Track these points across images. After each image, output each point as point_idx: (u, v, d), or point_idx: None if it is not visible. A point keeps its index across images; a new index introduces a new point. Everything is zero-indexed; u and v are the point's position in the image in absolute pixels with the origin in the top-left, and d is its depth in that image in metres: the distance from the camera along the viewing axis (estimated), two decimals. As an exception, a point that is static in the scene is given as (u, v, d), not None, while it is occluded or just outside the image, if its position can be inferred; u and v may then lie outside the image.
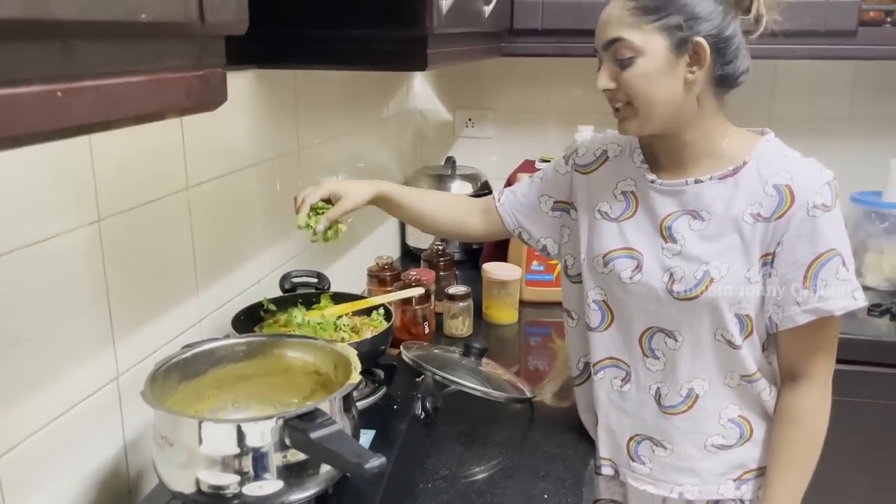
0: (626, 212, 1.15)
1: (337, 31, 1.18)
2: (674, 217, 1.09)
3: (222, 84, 0.57)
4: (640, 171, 1.14)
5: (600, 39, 1.04)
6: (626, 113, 1.05)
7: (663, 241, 1.10)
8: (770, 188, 1.04)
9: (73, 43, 0.42)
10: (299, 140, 1.52)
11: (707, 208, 1.07)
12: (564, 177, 1.23)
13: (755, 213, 1.04)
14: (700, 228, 1.07)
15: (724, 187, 1.06)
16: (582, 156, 1.22)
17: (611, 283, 1.14)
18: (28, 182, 0.83)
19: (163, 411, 0.84)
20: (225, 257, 1.26)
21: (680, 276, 1.07)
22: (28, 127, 0.40)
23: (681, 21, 0.99)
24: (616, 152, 1.19)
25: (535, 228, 1.26)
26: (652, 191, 1.11)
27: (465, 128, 2.39)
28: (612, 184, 1.17)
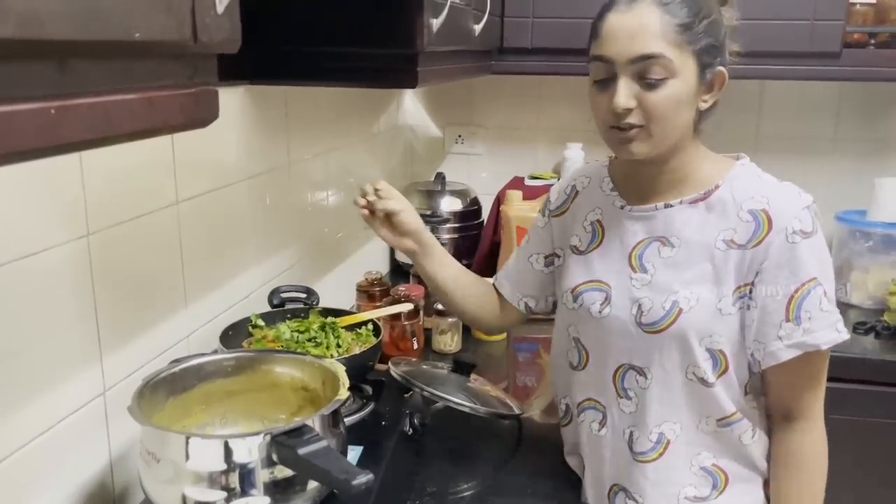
0: (593, 242, 1.10)
1: (328, 49, 1.19)
2: (644, 245, 1.04)
3: (214, 102, 0.58)
4: (609, 199, 1.10)
5: (626, 51, 0.94)
6: (638, 135, 0.97)
7: (632, 271, 1.04)
8: (745, 213, 0.99)
9: (67, 62, 0.43)
10: (290, 155, 1.52)
11: (677, 234, 1.02)
12: (545, 229, 1.20)
13: (728, 240, 0.99)
14: (669, 255, 1.02)
15: (694, 212, 1.02)
16: (554, 200, 1.20)
17: (582, 319, 1.09)
18: (17, 196, 0.83)
19: (150, 427, 0.84)
20: (214, 272, 1.26)
21: (648, 307, 1.01)
22: (20, 144, 0.41)
23: (711, 46, 0.96)
24: (584, 184, 1.16)
25: (535, 291, 1.23)
26: (622, 217, 1.07)
27: (455, 144, 2.40)
28: (583, 216, 1.13)
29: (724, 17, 1.01)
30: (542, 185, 2.15)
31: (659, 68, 0.93)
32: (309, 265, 1.63)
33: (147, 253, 1.07)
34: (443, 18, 1.15)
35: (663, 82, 0.94)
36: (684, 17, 0.94)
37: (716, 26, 0.97)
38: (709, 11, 0.97)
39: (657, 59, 0.93)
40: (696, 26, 0.94)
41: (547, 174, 2.24)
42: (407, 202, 1.18)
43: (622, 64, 0.95)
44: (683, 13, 0.94)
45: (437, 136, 2.42)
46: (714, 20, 0.97)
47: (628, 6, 0.96)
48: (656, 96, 0.94)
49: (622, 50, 0.94)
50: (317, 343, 1.22)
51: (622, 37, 0.95)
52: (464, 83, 2.29)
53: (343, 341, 1.25)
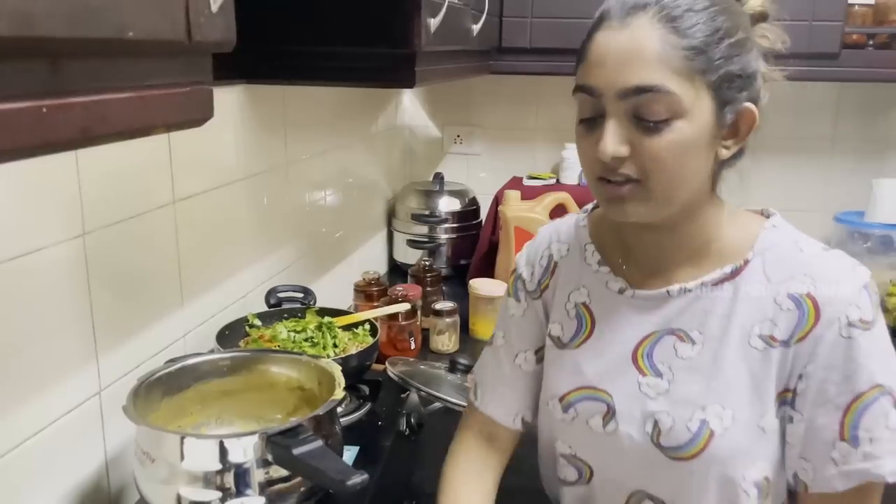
0: (580, 333, 0.87)
1: (326, 49, 1.19)
2: (653, 340, 0.82)
3: (209, 100, 0.58)
4: (598, 277, 0.87)
5: (615, 82, 0.72)
6: (634, 192, 0.74)
7: (640, 374, 0.82)
8: (785, 299, 0.77)
9: (60, 60, 0.42)
10: (287, 155, 1.52)
11: (699, 327, 0.80)
12: (527, 317, 0.95)
13: (767, 335, 0.77)
14: (690, 356, 0.80)
15: (719, 297, 0.80)
16: (529, 277, 0.96)
17: (578, 433, 0.86)
18: (12, 195, 0.83)
19: (145, 426, 0.84)
20: (210, 272, 1.26)
21: (668, 426, 0.79)
22: (12, 142, 0.40)
23: (735, 77, 0.74)
24: (562, 253, 0.93)
25: (531, 399, 0.97)
26: (619, 304, 0.85)
27: (454, 144, 2.40)
28: (563, 295, 0.90)
29: (756, 37, 0.79)
30: (540, 185, 2.15)
31: (659, 106, 0.71)
32: (306, 265, 1.62)
33: (143, 252, 1.07)
34: (441, 18, 1.15)
35: (666, 124, 0.71)
36: (697, 37, 0.72)
37: (743, 49, 0.75)
38: (733, 29, 0.74)
39: (656, 93, 0.71)
40: (714, 49, 0.72)
41: (545, 174, 2.24)
42: None
43: (611, 98, 0.73)
44: (696, 31, 0.72)
45: (436, 136, 2.42)
46: (740, 41, 0.74)
47: (621, 21, 0.73)
48: (656, 143, 0.72)
49: (611, 80, 0.72)
50: (314, 343, 1.22)
51: (611, 62, 0.72)
52: (462, 83, 2.29)
53: (340, 341, 1.25)
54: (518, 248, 1.86)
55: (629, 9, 0.74)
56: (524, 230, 1.87)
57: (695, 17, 0.72)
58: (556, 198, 1.89)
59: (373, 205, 2.13)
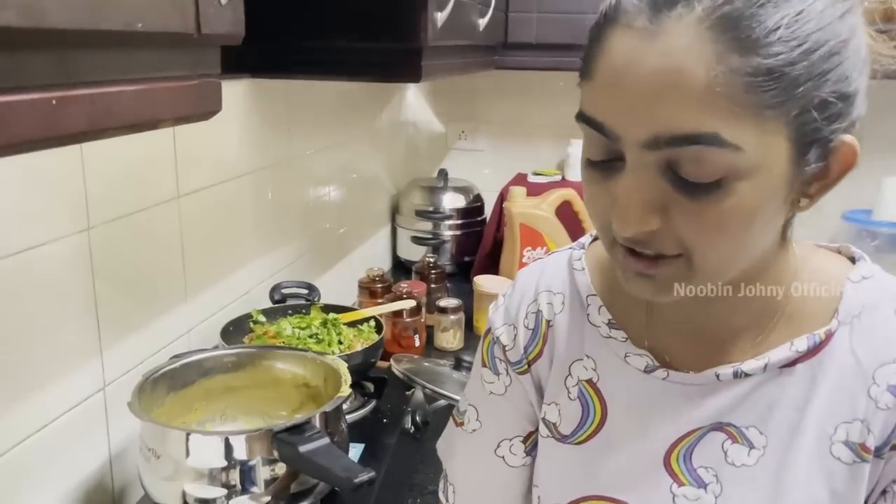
0: (587, 423, 0.65)
1: (331, 43, 1.18)
2: (694, 439, 0.60)
3: (217, 94, 0.57)
4: (610, 346, 0.64)
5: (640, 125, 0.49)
6: (670, 270, 0.53)
7: (674, 482, 0.61)
8: (884, 392, 0.56)
9: (68, 52, 0.42)
10: (291, 150, 1.51)
11: (759, 424, 0.58)
12: (509, 396, 0.71)
13: (856, 443, 0.56)
14: (746, 462, 0.59)
15: (790, 384, 0.58)
16: (510, 344, 0.71)
17: None
18: (17, 189, 0.82)
19: (150, 423, 0.83)
20: (215, 267, 1.25)
21: None
22: (21, 135, 0.40)
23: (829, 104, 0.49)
24: (556, 308, 0.68)
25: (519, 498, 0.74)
26: (645, 387, 0.62)
27: (458, 140, 2.39)
28: (564, 368, 0.67)
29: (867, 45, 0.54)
30: (546, 181, 2.14)
31: (710, 163, 0.48)
32: (311, 261, 1.62)
33: (148, 247, 1.06)
34: (447, 13, 1.14)
35: (718, 187, 0.48)
36: (774, 53, 0.46)
37: (841, 58, 0.49)
38: (830, 28, 0.48)
39: (706, 146, 0.47)
40: (799, 69, 0.47)
41: (551, 171, 2.23)
42: None
43: (633, 147, 0.50)
44: (773, 42, 0.46)
45: (440, 132, 2.41)
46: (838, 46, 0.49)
47: (653, 20, 0.47)
48: (704, 212, 0.49)
49: (633, 121, 0.49)
50: (318, 340, 1.21)
51: (634, 92, 0.48)
52: (467, 78, 2.28)
53: (345, 338, 1.24)
54: (523, 244, 1.86)
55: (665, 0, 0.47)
56: (529, 227, 1.86)
57: (771, 14, 0.46)
58: (561, 194, 1.88)
59: (377, 201, 2.12)
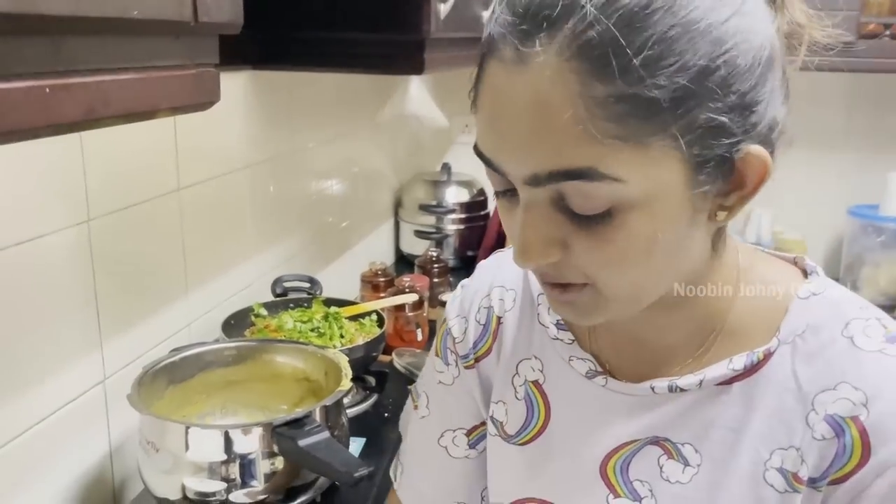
0: (531, 425, 0.64)
1: (333, 34, 1.17)
2: (630, 451, 0.59)
3: (215, 84, 0.56)
4: (556, 348, 0.64)
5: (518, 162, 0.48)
6: (586, 297, 0.52)
7: (611, 492, 0.60)
8: (820, 422, 0.53)
9: (63, 39, 0.41)
10: (293, 143, 1.50)
11: (694, 441, 0.57)
12: (458, 385, 0.71)
13: (790, 472, 0.54)
14: (680, 479, 0.57)
15: (727, 403, 0.56)
16: (460, 337, 0.71)
17: None
18: (17, 180, 0.82)
19: (149, 416, 0.83)
20: (216, 260, 1.25)
21: None
22: (15, 123, 0.39)
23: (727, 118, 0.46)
24: (507, 305, 0.68)
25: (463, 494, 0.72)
26: (586, 393, 0.62)
27: (462, 134, 2.38)
28: (512, 366, 0.67)
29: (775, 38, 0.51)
30: (548, 176, 2.13)
31: (592, 197, 0.47)
32: (312, 254, 1.61)
33: (148, 240, 1.06)
34: (451, 4, 1.13)
35: (609, 217, 0.47)
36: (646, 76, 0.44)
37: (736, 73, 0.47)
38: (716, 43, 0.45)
39: (584, 180, 0.46)
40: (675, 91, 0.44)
41: (554, 165, 2.22)
42: None
43: (520, 184, 0.49)
44: (637, 66, 0.44)
45: (444, 126, 2.40)
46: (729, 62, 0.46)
47: (517, 55, 0.46)
48: (598, 243, 0.48)
49: (513, 158, 0.48)
50: (320, 333, 1.21)
51: (508, 128, 0.48)
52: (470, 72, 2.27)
53: (347, 332, 1.24)
54: (526, 239, 1.85)
55: (526, 31, 0.46)
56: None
57: (635, 38, 0.43)
58: (564, 189, 1.87)
59: (379, 195, 2.11)
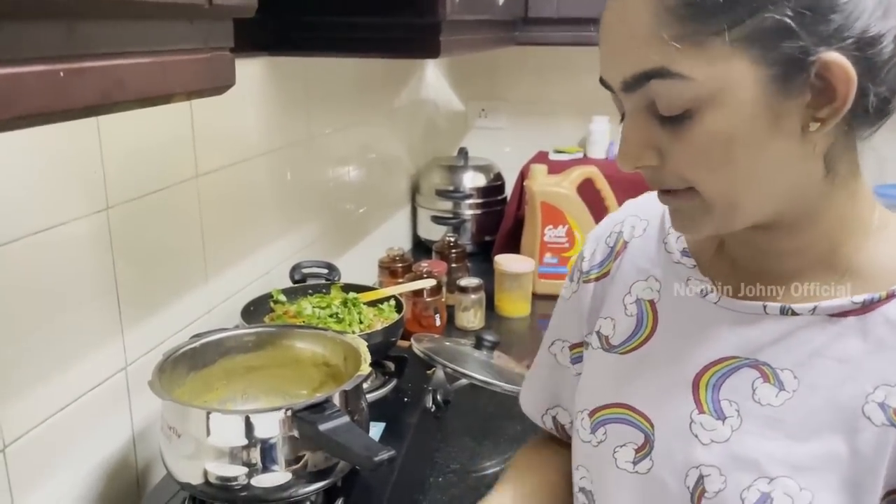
0: (636, 335, 0.68)
1: (349, 19, 1.17)
2: (727, 367, 0.61)
3: (230, 68, 0.56)
4: (677, 270, 0.67)
5: (615, 72, 0.56)
6: (688, 205, 0.57)
7: (697, 409, 0.62)
8: None
9: (77, 22, 0.41)
10: (310, 130, 1.50)
11: (795, 368, 0.58)
12: (572, 301, 0.77)
13: (890, 406, 0.55)
14: (773, 402, 0.58)
15: (837, 333, 0.57)
16: (589, 258, 0.76)
17: (599, 463, 0.68)
18: (36, 169, 0.82)
19: (171, 402, 0.83)
20: (234, 247, 1.25)
21: (716, 489, 0.58)
22: (30, 107, 0.39)
23: (791, 22, 0.49)
24: (638, 231, 0.72)
25: (565, 397, 0.79)
26: (698, 309, 0.64)
27: (478, 118, 2.37)
28: (626, 285, 0.71)
29: None
30: (567, 159, 2.11)
31: (669, 96, 0.53)
32: (330, 241, 1.61)
33: (167, 227, 1.06)
34: (466, -14, 1.12)
35: (688, 117, 0.53)
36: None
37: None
38: None
39: (660, 79, 0.52)
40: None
41: (572, 148, 2.20)
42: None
43: (620, 94, 0.57)
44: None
45: (460, 110, 2.39)
46: None
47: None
48: (684, 143, 0.54)
49: (612, 71, 0.56)
50: (339, 319, 1.21)
51: (608, 48, 0.56)
52: (487, 55, 2.25)
53: (365, 317, 1.24)
54: (545, 223, 1.84)
55: None
56: (550, 205, 1.84)
57: None
58: (583, 172, 1.86)
59: (396, 180, 2.11)
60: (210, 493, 0.82)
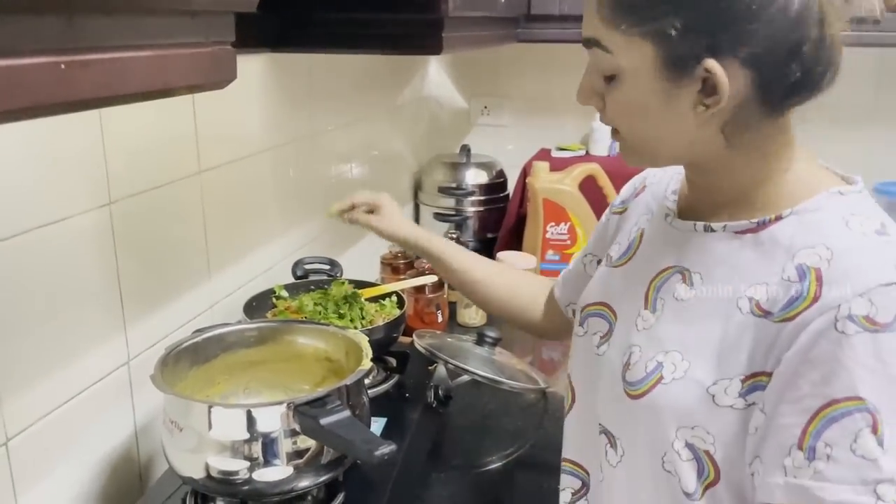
0: (625, 255, 0.86)
1: (352, 15, 1.17)
2: (666, 275, 0.77)
3: (231, 62, 0.56)
4: (664, 204, 0.84)
5: (583, 30, 0.73)
6: (622, 143, 0.75)
7: (643, 306, 0.78)
8: (790, 267, 0.66)
9: (79, 15, 0.41)
10: (313, 126, 1.50)
11: (704, 271, 0.74)
12: (604, 226, 0.98)
13: (755, 299, 0.68)
14: (683, 298, 0.74)
15: (736, 246, 0.72)
16: (622, 194, 0.97)
17: (581, 349, 0.87)
18: (39, 164, 0.82)
19: (173, 396, 0.83)
20: (237, 243, 1.26)
21: (635, 360, 0.76)
22: (31, 100, 0.39)
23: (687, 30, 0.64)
24: (655, 179, 0.91)
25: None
26: (662, 232, 0.82)
27: (481, 115, 2.37)
28: (633, 220, 0.90)
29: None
30: (569, 156, 2.11)
31: (600, 60, 0.70)
32: (332, 237, 1.62)
33: (170, 222, 1.06)
34: (468, -18, 1.12)
35: (612, 80, 0.70)
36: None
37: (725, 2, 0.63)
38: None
39: (593, 46, 0.70)
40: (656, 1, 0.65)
41: (575, 146, 2.20)
42: (389, 209, 1.14)
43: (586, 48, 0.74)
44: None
45: (463, 108, 2.39)
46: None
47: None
48: (609, 99, 0.72)
49: (583, 27, 0.73)
50: (340, 315, 1.21)
51: (583, 9, 0.72)
52: (489, 52, 2.25)
53: (367, 313, 1.24)
54: (547, 220, 1.84)
55: None
56: (553, 202, 1.84)
57: None
58: (585, 169, 1.86)
59: (399, 177, 2.11)
60: (212, 486, 0.83)
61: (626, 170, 0.85)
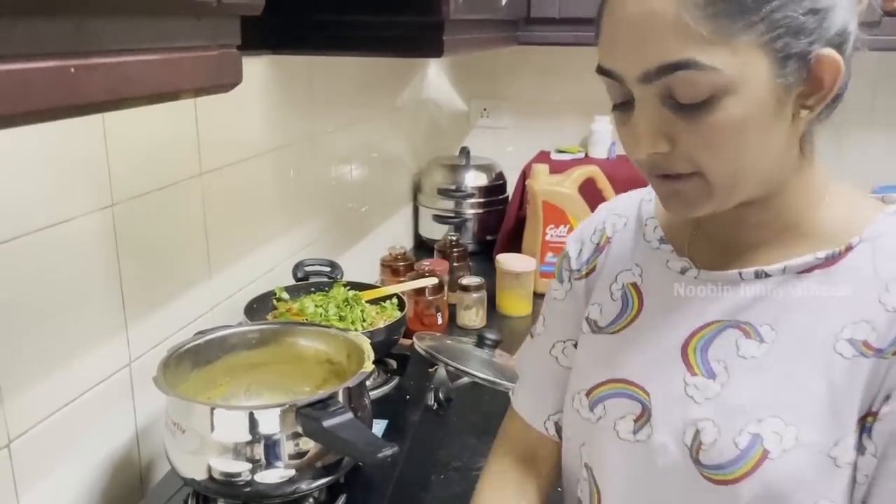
0: (623, 316, 0.73)
1: (353, 17, 1.17)
2: (712, 332, 0.67)
3: (237, 65, 0.56)
4: (656, 255, 0.73)
5: (634, 63, 0.59)
6: (692, 188, 0.62)
7: (688, 372, 0.67)
8: (890, 298, 0.61)
9: (86, 19, 0.41)
10: (313, 128, 1.51)
11: (773, 322, 0.64)
12: (567, 301, 0.82)
13: (860, 341, 0.61)
14: (755, 355, 0.64)
15: (807, 286, 0.64)
16: (576, 255, 0.82)
17: (600, 438, 0.72)
18: (42, 166, 0.83)
19: (175, 397, 0.84)
20: (238, 244, 1.26)
21: (711, 439, 0.63)
22: (38, 103, 0.40)
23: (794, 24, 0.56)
24: (617, 227, 0.79)
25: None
26: (678, 285, 0.70)
27: (480, 118, 2.37)
28: (611, 276, 0.77)
29: None
30: (569, 158, 2.12)
31: (695, 85, 0.57)
32: (332, 239, 1.62)
33: (171, 224, 1.07)
34: (469, -15, 1.12)
35: (709, 104, 0.57)
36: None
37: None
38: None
39: (687, 70, 0.56)
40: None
41: (574, 148, 2.21)
42: None
43: (634, 84, 0.60)
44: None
45: (462, 110, 2.39)
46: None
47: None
48: (703, 128, 0.58)
49: (627, 62, 0.59)
50: (341, 317, 1.21)
51: (623, 39, 0.59)
52: (489, 55, 2.26)
53: (367, 315, 1.24)
54: (546, 222, 1.84)
55: None
56: (552, 204, 1.84)
57: None
58: (584, 171, 1.86)
59: (398, 179, 2.11)
60: (214, 488, 0.83)
61: (626, 173, 0.82)
